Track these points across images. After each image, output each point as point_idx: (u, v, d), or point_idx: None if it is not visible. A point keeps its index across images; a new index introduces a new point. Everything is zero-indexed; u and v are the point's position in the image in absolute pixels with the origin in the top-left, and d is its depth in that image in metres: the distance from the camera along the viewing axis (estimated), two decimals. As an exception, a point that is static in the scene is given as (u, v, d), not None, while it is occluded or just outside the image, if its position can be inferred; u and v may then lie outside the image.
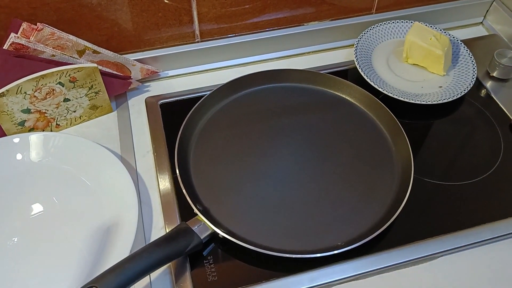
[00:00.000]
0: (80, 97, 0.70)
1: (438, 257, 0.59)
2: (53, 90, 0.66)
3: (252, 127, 0.72)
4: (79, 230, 0.61)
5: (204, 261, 0.58)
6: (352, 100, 0.75)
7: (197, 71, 0.81)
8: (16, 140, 0.67)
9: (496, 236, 0.61)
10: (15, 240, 0.60)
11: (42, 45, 0.65)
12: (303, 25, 0.84)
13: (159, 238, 0.54)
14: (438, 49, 0.75)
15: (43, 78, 0.64)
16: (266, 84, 0.77)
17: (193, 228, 0.56)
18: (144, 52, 0.78)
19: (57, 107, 0.69)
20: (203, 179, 0.65)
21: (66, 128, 0.73)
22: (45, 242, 0.60)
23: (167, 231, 0.60)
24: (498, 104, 0.76)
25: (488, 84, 0.79)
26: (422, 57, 0.78)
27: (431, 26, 0.82)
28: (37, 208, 0.63)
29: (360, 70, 0.76)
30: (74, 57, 0.69)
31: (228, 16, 0.78)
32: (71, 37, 0.67)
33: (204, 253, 0.59)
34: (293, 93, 0.76)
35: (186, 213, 0.61)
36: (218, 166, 0.67)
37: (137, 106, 0.76)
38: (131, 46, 0.77)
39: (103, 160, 0.66)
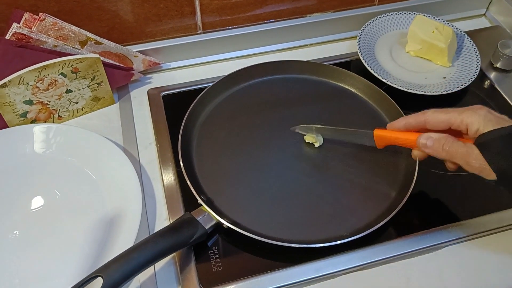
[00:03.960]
0: (82, 88, 0.69)
1: (444, 247, 0.59)
2: (55, 81, 0.66)
3: (255, 118, 0.71)
4: (82, 221, 0.60)
5: (209, 252, 0.58)
6: (355, 91, 0.75)
7: (199, 63, 0.81)
8: (19, 131, 0.66)
9: (501, 226, 0.60)
10: (17, 233, 0.59)
11: (44, 35, 0.65)
12: (306, 16, 0.83)
13: (164, 228, 0.54)
14: (441, 42, 0.75)
15: (45, 69, 0.64)
16: (269, 76, 0.77)
17: (198, 219, 0.56)
18: (146, 44, 0.78)
19: (59, 99, 0.68)
20: (206, 170, 0.65)
21: (68, 119, 0.72)
22: (47, 234, 0.59)
23: (171, 222, 0.60)
24: (501, 95, 0.76)
25: (492, 75, 0.79)
26: (425, 50, 0.78)
27: (433, 18, 0.82)
28: (39, 200, 0.62)
29: (363, 61, 0.75)
30: (76, 48, 0.68)
31: (230, 8, 0.78)
32: (74, 27, 0.67)
33: (209, 243, 0.58)
34: (296, 85, 0.76)
35: (189, 204, 0.61)
36: (221, 157, 0.66)
37: (139, 98, 0.76)
38: (133, 37, 0.77)
39: (106, 152, 0.65)
